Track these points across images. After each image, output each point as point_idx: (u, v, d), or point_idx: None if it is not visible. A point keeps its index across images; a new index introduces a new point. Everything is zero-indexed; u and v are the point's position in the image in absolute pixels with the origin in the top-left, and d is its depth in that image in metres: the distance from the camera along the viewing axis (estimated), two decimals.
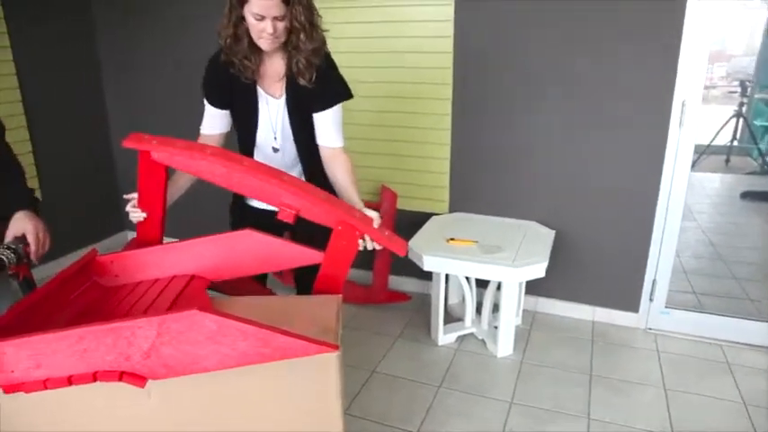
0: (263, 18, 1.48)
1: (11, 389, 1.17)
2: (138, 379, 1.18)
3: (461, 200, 2.94)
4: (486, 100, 2.74)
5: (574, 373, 2.42)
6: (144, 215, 1.54)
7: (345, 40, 2.85)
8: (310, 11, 1.54)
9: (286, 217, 1.49)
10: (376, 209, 2.81)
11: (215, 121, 1.74)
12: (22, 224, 1.42)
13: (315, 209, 1.49)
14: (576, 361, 2.51)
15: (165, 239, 3.78)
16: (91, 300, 1.44)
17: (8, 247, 1.38)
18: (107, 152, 3.67)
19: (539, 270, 2.37)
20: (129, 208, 1.55)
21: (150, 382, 1.20)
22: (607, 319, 2.83)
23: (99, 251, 1.49)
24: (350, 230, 1.51)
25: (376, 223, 1.53)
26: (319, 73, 1.61)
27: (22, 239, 1.42)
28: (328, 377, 1.28)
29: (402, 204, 2.99)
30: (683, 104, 2.44)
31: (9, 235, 1.41)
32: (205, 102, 1.72)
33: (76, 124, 3.49)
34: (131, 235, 3.93)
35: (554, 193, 2.75)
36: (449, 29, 2.67)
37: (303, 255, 1.56)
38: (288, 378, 1.26)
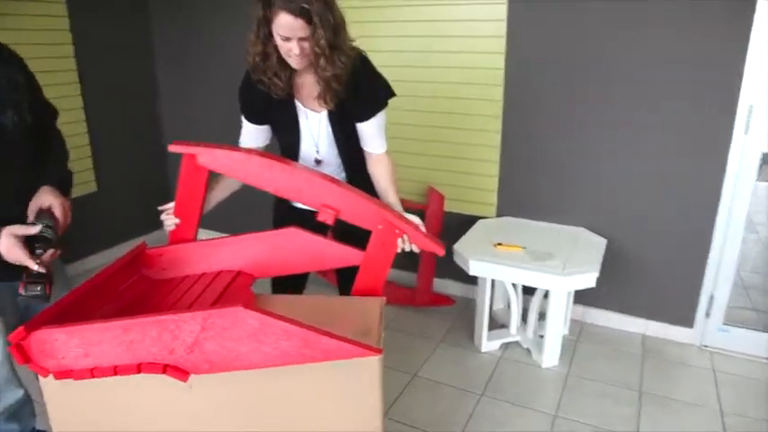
0: (288, 39, 1.45)
1: (60, 375, 1.20)
2: (181, 373, 1.19)
3: (510, 204, 2.88)
4: (539, 102, 2.66)
5: (622, 389, 2.33)
6: (177, 221, 1.54)
7: (395, 39, 2.83)
8: (335, 33, 1.47)
9: (326, 218, 1.50)
10: (422, 210, 2.83)
11: (252, 136, 1.74)
12: (46, 197, 1.40)
13: (354, 209, 1.50)
14: (625, 376, 2.41)
15: (212, 234, 3.86)
16: (139, 292, 1.46)
17: (46, 225, 1.36)
18: (159, 146, 3.76)
19: (589, 280, 2.28)
20: (163, 216, 1.56)
21: (193, 377, 1.20)
22: (660, 334, 2.71)
23: (150, 242, 1.51)
24: (390, 230, 1.49)
25: (418, 222, 1.54)
26: (359, 83, 1.57)
27: (47, 214, 1.39)
28: (370, 380, 1.26)
29: (449, 207, 2.94)
30: (749, 109, 2.31)
31: (32, 207, 1.39)
32: (242, 117, 1.72)
33: (131, 117, 3.60)
34: None
35: (607, 199, 2.65)
36: (501, 29, 2.61)
37: (347, 255, 1.55)
38: (329, 379, 1.25)
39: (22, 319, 1.50)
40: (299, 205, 1.79)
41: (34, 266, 1.29)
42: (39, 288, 1.32)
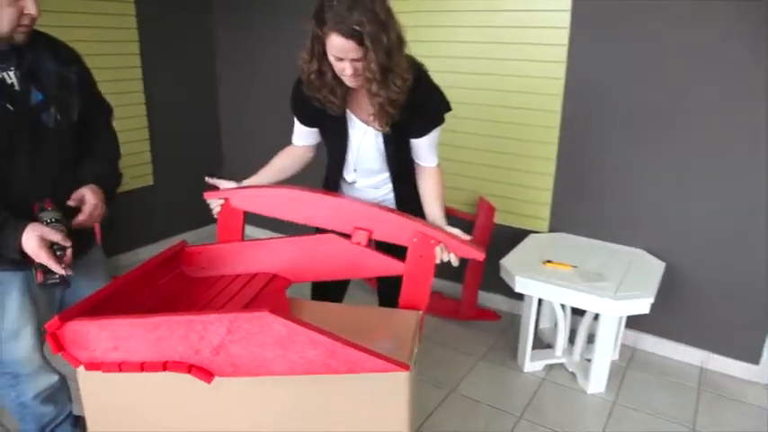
0: (341, 59, 1.40)
1: (91, 367, 1.21)
2: (206, 374, 1.18)
3: (563, 219, 2.76)
4: (599, 114, 2.54)
5: (674, 424, 2.18)
6: (222, 203, 1.60)
7: (450, 44, 2.78)
8: (389, 55, 1.39)
9: (360, 239, 1.49)
10: (471, 221, 2.76)
11: (303, 136, 1.73)
12: (79, 192, 1.41)
13: (386, 227, 1.49)
14: (677, 411, 2.26)
15: (261, 231, 3.90)
16: (176, 288, 1.48)
17: (53, 220, 1.34)
18: (215, 144, 3.86)
19: (642, 306, 2.15)
20: (209, 201, 1.61)
21: (217, 379, 1.19)
22: (719, 368, 2.53)
23: (201, 237, 1.54)
24: (425, 241, 1.46)
25: (456, 231, 1.48)
26: (415, 98, 1.50)
27: (53, 208, 1.37)
28: (397, 396, 1.21)
29: (499, 219, 2.86)
30: None
31: (72, 197, 1.40)
32: (294, 117, 1.71)
33: (190, 114, 3.69)
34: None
35: (669, 221, 2.50)
36: (564, 37, 2.51)
37: (385, 264, 1.51)
38: (354, 392, 1.21)
39: (60, 307, 1.54)
40: None
41: (61, 271, 1.29)
42: (57, 276, 1.34)
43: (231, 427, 1.26)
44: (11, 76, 1.30)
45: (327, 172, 1.78)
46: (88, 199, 1.40)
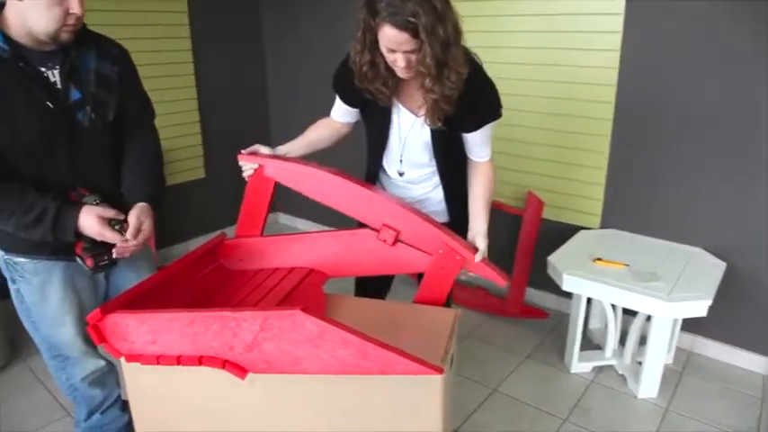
0: (393, 51, 1.34)
1: (130, 358, 1.25)
2: (240, 370, 1.19)
3: (616, 215, 2.65)
4: (655, 106, 2.41)
5: None
6: (256, 167, 1.55)
7: (499, 34, 2.70)
8: (444, 48, 1.32)
9: (386, 237, 1.47)
10: (519, 216, 2.69)
11: (342, 113, 1.68)
12: (138, 211, 1.42)
13: (415, 231, 1.46)
14: (737, 420, 2.13)
15: (304, 223, 3.91)
16: (214, 281, 1.50)
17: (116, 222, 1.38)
18: (265, 136, 3.90)
19: (699, 308, 2.03)
20: (242, 163, 1.57)
21: (251, 375, 1.20)
22: None
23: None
24: (450, 255, 1.44)
25: (480, 255, 1.44)
26: (468, 92, 1.43)
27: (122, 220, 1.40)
28: (430, 399, 1.19)
29: (548, 214, 2.77)
30: None
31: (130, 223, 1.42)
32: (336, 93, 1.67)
33: (240, 108, 3.76)
34: (282, 216, 4.17)
35: (730, 218, 2.35)
36: (618, 23, 2.39)
37: (420, 261, 1.48)
38: (388, 394, 1.20)
39: (105, 296, 1.58)
40: None
41: (124, 242, 1.35)
42: (106, 258, 1.38)
43: (263, 423, 1.27)
44: (54, 75, 1.33)
45: (368, 165, 1.73)
46: (145, 227, 1.41)
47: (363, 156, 1.74)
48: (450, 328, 1.34)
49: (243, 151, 1.56)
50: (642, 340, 2.33)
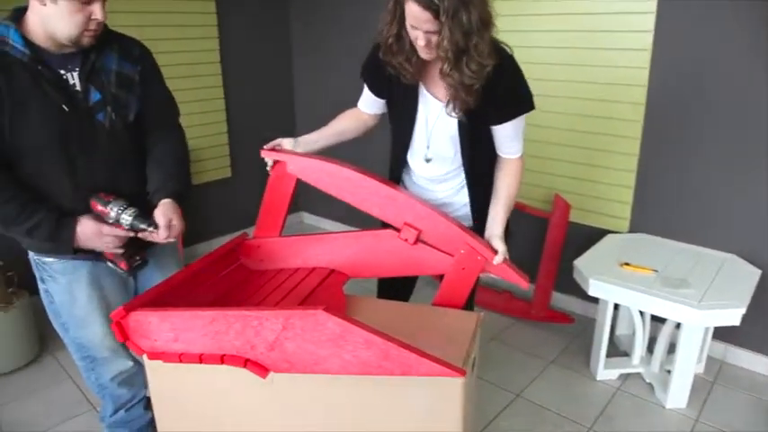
0: (416, 28, 1.32)
1: (153, 356, 1.25)
2: (261, 369, 1.19)
3: (646, 219, 2.59)
4: (687, 107, 2.35)
5: None
6: (277, 158, 1.56)
7: (528, 34, 2.66)
8: (466, 36, 1.29)
9: (407, 236, 1.45)
10: (545, 219, 2.65)
11: (369, 103, 1.67)
12: (163, 208, 1.42)
13: (437, 231, 1.44)
14: None
15: (329, 223, 3.91)
16: (236, 280, 1.50)
17: (122, 208, 1.37)
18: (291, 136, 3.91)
19: (732, 317, 1.97)
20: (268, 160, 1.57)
21: (272, 374, 1.20)
22: None
23: None
24: (472, 256, 1.42)
25: (501, 257, 1.41)
26: (498, 83, 1.39)
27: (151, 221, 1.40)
28: (451, 402, 1.17)
29: (575, 217, 2.72)
30: None
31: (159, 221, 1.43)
32: (364, 83, 1.65)
33: (267, 107, 3.78)
34: (306, 216, 4.19)
35: (766, 223, 2.28)
36: (649, 22, 2.34)
37: (442, 262, 1.46)
38: (409, 396, 1.19)
39: (135, 294, 1.60)
40: None
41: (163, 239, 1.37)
42: (138, 258, 1.41)
43: (283, 423, 1.27)
44: (74, 77, 1.34)
45: (391, 163, 1.71)
46: (175, 222, 1.42)
47: (387, 157, 1.73)
48: (473, 332, 1.32)
49: (265, 146, 1.56)
50: (671, 348, 2.27)
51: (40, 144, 1.32)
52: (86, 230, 1.36)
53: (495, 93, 1.40)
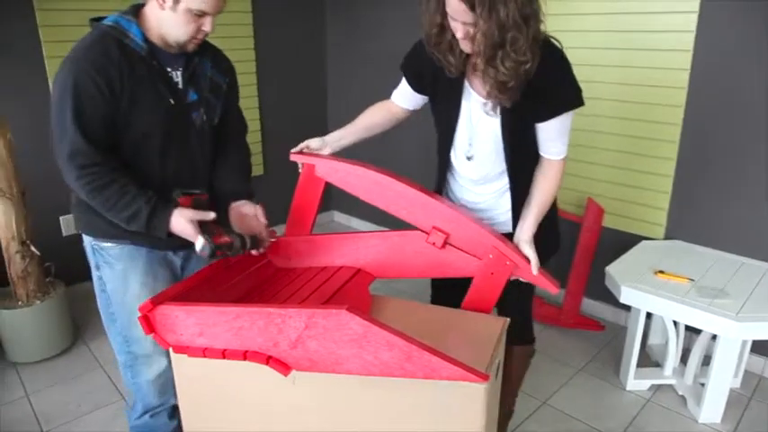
0: (454, 19, 1.31)
1: (178, 350, 1.27)
2: (283, 367, 1.19)
3: (682, 226, 2.51)
4: (728, 111, 2.27)
5: None
6: (306, 161, 1.59)
7: (566, 34, 2.59)
8: (502, 32, 1.24)
9: (435, 240, 1.44)
10: (578, 223, 2.59)
11: (406, 97, 1.64)
12: (254, 210, 1.55)
13: (466, 234, 1.42)
14: None
15: (359, 222, 3.91)
16: (263, 277, 1.51)
17: (240, 236, 1.42)
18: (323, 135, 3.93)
19: None
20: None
21: (294, 372, 1.20)
22: None
23: None
24: (500, 260, 1.40)
25: (535, 267, 1.39)
26: (545, 77, 1.34)
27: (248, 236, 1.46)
28: (474, 407, 1.15)
29: (609, 222, 2.66)
30: None
31: (237, 218, 1.54)
32: (403, 76, 1.61)
33: (299, 106, 3.80)
34: (337, 215, 4.21)
35: None
36: (691, 22, 2.27)
37: (472, 265, 1.44)
38: (430, 399, 1.17)
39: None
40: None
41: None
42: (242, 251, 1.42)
43: (304, 421, 1.27)
44: (177, 76, 1.45)
45: (438, 160, 1.65)
46: (261, 220, 1.54)
47: (419, 157, 1.71)
48: (498, 336, 1.30)
49: (293, 150, 1.58)
50: (706, 360, 2.20)
51: (146, 132, 1.41)
52: (179, 226, 1.38)
53: (539, 87, 1.35)
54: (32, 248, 2.38)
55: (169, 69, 1.43)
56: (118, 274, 1.52)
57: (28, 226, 2.37)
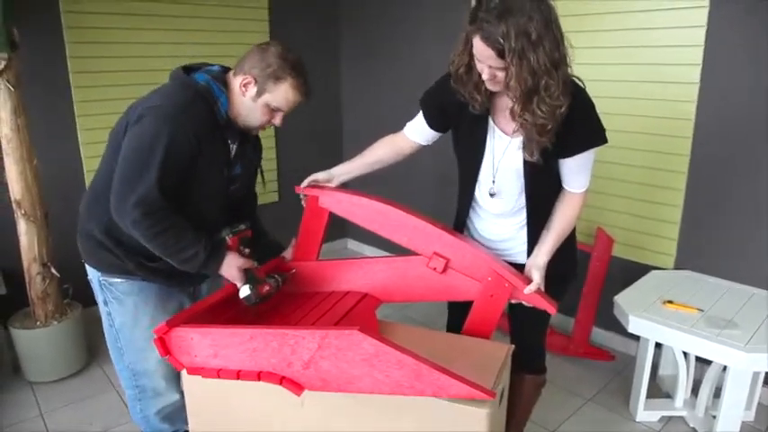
0: (480, 61, 1.32)
1: (192, 371, 1.31)
2: (296, 387, 1.23)
3: (692, 256, 2.52)
4: (736, 142, 2.30)
5: None
6: (309, 195, 1.66)
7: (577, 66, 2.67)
8: (535, 77, 1.26)
9: (436, 266, 1.48)
10: (588, 253, 2.61)
11: (419, 131, 1.65)
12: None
13: (465, 259, 1.47)
14: None
15: (371, 249, 3.93)
16: (272, 302, 1.55)
17: (276, 279, 1.53)
18: (338, 161, 4.00)
19: None
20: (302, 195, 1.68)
21: (306, 392, 1.23)
22: None
23: (322, 253, 1.65)
24: (499, 283, 1.43)
25: (534, 287, 1.41)
26: (572, 115, 1.36)
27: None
28: (478, 426, 1.17)
29: (618, 252, 2.67)
30: None
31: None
32: (420, 111, 1.63)
33: (315, 131, 3.87)
34: (351, 242, 4.24)
35: None
36: (697, 56, 2.32)
37: (473, 288, 1.48)
38: (438, 418, 1.20)
39: None
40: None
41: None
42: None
43: None
44: (233, 149, 1.54)
45: (459, 195, 1.67)
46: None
47: (431, 187, 1.76)
48: (503, 361, 1.32)
49: (299, 186, 1.67)
50: (718, 392, 2.19)
51: (203, 194, 1.49)
52: (229, 271, 1.47)
53: (567, 127, 1.37)
54: (52, 270, 2.44)
55: (230, 141, 1.52)
56: (128, 309, 1.55)
57: (49, 248, 2.44)
